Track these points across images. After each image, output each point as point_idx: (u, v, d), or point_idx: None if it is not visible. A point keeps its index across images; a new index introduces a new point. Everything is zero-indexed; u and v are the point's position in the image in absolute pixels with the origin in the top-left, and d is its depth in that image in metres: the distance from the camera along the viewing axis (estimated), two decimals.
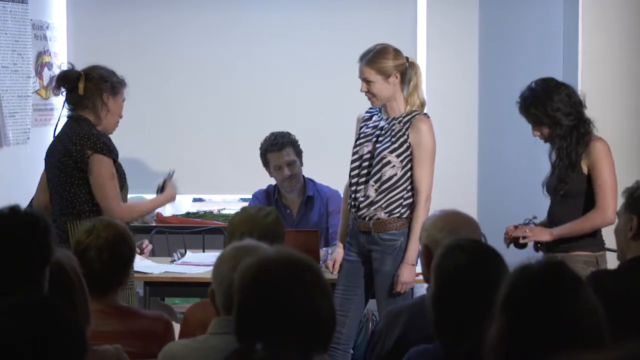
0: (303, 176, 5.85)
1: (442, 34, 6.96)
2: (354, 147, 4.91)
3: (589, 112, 4.67)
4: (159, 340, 3.35)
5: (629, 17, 6.09)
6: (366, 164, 4.85)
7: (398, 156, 4.80)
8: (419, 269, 4.97)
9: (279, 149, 5.71)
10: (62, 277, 2.82)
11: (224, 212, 6.94)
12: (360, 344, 5.88)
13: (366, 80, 4.83)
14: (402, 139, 4.81)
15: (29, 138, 6.35)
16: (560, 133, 4.54)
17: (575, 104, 4.56)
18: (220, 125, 7.05)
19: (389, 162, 4.80)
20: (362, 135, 4.89)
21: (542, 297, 2.19)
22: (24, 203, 5.89)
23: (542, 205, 4.84)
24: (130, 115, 4.89)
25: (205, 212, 7.02)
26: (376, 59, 4.83)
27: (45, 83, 6.67)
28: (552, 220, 4.62)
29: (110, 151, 4.37)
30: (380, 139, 4.83)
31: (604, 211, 4.47)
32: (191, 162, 6.99)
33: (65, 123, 4.51)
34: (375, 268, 4.82)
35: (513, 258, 2.79)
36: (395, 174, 4.80)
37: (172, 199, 4.82)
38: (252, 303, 2.34)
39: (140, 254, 5.14)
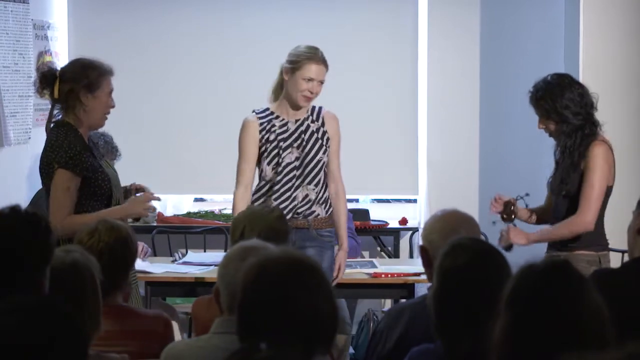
0: None
1: (443, 33, 6.96)
2: (271, 156, 4.86)
3: None
4: (159, 339, 3.35)
5: (629, 17, 6.08)
6: (298, 172, 4.86)
7: (324, 152, 4.90)
8: (416, 268, 4.99)
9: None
10: (75, 278, 2.82)
11: (225, 212, 6.94)
12: (362, 344, 5.89)
13: (320, 81, 4.85)
14: (325, 136, 4.90)
15: (30, 138, 6.35)
16: (566, 131, 4.53)
17: (586, 105, 4.55)
18: (221, 125, 7.05)
19: (323, 163, 4.90)
20: (280, 144, 4.85)
21: (546, 295, 2.19)
22: (24, 203, 5.90)
23: (543, 204, 4.84)
24: (132, 115, 4.95)
25: (206, 212, 7.02)
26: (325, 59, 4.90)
27: None
28: (557, 220, 4.62)
29: (76, 165, 4.29)
30: (305, 143, 4.86)
31: (585, 216, 4.49)
32: (192, 162, 6.99)
33: (51, 128, 4.47)
34: None
35: (516, 258, 2.79)
36: (325, 169, 4.92)
37: (130, 214, 4.48)
38: (253, 303, 2.34)
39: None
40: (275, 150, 4.85)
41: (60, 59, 6.86)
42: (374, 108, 6.97)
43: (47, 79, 4.40)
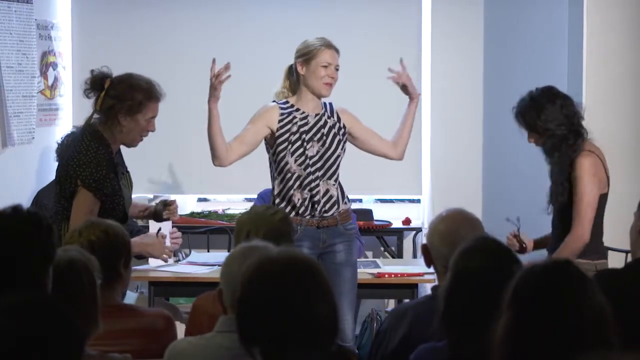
0: None
1: (446, 33, 6.95)
2: (294, 148, 4.88)
3: (592, 112, 4.68)
4: (160, 337, 3.36)
5: (633, 17, 6.07)
6: (318, 164, 4.88)
7: (342, 148, 4.96)
8: (419, 268, 4.98)
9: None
10: (70, 276, 2.82)
11: (228, 212, 6.94)
12: (365, 344, 5.89)
13: (336, 67, 4.92)
14: (341, 131, 4.95)
15: (33, 138, 6.35)
16: (551, 143, 4.62)
17: (568, 116, 4.61)
18: (225, 125, 7.04)
19: (341, 158, 4.95)
20: (304, 137, 4.88)
21: (547, 295, 2.19)
22: (28, 203, 5.90)
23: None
24: None
25: (209, 212, 7.02)
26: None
27: (50, 83, 6.67)
28: (555, 230, 4.69)
29: (98, 189, 4.30)
30: (325, 137, 4.91)
31: (577, 231, 4.58)
32: (196, 162, 6.98)
33: (84, 131, 4.44)
34: (340, 261, 4.88)
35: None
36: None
37: (147, 253, 4.67)
38: (251, 303, 2.34)
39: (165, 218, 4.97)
40: (299, 143, 4.88)
41: (64, 59, 6.86)
42: (377, 108, 6.96)
43: (96, 84, 4.40)
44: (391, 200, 7.18)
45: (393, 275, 5.18)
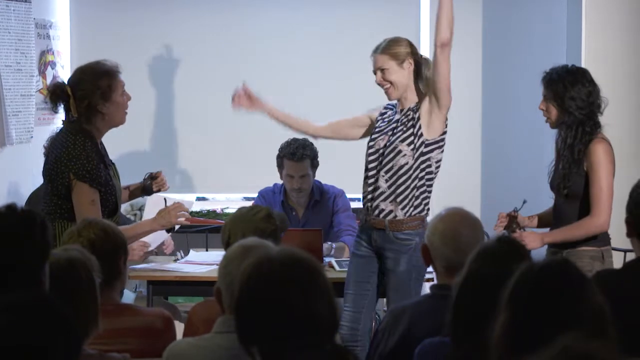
0: None
1: None
2: (370, 142, 4.87)
3: None
4: (159, 336, 3.35)
5: (632, 16, 6.08)
6: (374, 156, 4.80)
7: (409, 144, 4.73)
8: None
9: (297, 160, 5.67)
10: (69, 276, 2.82)
11: (227, 211, 6.93)
12: None
13: (380, 69, 4.79)
14: (417, 124, 4.74)
15: (32, 137, 6.34)
16: (567, 121, 4.56)
17: (592, 104, 4.58)
18: (224, 124, 7.04)
19: (400, 152, 4.72)
20: (377, 130, 4.85)
21: (544, 293, 2.18)
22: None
23: (545, 204, 4.84)
24: (133, 114, 4.93)
25: (208, 211, 7.01)
26: (389, 46, 4.84)
27: (48, 82, 6.66)
28: (560, 219, 4.63)
29: (93, 180, 4.32)
30: (395, 131, 4.77)
31: (598, 218, 4.51)
32: (195, 161, 6.99)
33: (66, 131, 4.45)
34: (388, 268, 4.72)
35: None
36: (407, 163, 4.72)
37: (161, 226, 4.65)
38: (249, 302, 2.34)
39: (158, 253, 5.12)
40: (373, 135, 4.85)
41: (63, 58, 6.85)
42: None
43: (59, 95, 4.43)
44: None
45: None
